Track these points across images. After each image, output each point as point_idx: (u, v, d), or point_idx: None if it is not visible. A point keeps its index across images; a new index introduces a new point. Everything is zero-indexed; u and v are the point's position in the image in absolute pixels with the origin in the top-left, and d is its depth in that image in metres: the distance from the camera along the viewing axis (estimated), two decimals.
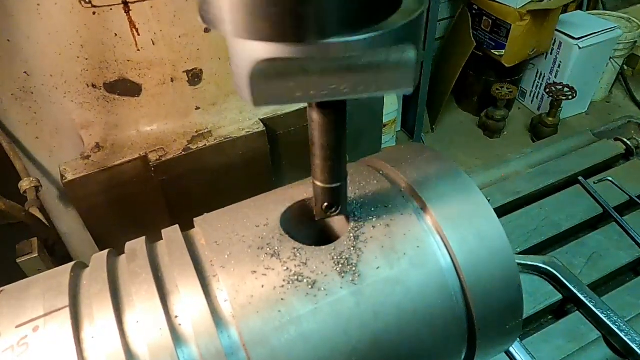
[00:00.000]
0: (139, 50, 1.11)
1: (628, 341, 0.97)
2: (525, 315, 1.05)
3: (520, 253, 1.20)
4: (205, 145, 1.22)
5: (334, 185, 0.48)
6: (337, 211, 0.51)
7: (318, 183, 0.49)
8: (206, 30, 1.14)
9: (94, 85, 1.14)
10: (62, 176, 1.13)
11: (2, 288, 0.50)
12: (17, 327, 0.44)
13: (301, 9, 0.32)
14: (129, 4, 1.04)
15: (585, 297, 1.06)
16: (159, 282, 0.48)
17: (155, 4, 1.06)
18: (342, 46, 0.34)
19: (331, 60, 0.35)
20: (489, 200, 1.28)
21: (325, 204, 0.50)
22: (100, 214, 1.21)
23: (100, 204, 1.19)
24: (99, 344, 0.43)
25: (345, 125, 0.45)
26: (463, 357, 0.56)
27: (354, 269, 0.48)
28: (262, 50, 0.34)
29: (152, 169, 1.17)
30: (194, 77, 1.20)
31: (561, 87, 3.44)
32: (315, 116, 0.44)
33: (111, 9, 1.04)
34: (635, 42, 3.71)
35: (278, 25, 0.33)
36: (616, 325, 1.00)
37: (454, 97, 4.02)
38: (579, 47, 3.39)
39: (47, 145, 1.25)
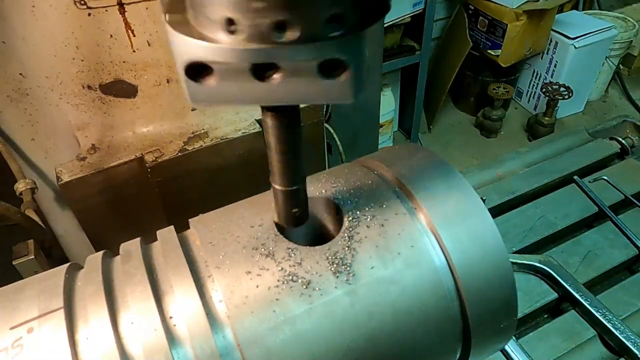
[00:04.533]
0: (134, 51, 1.11)
1: (623, 339, 0.98)
2: (521, 314, 1.06)
3: (516, 252, 1.21)
4: (202, 146, 1.22)
5: (292, 188, 0.48)
6: (299, 213, 0.51)
7: (277, 187, 0.49)
8: None
9: (89, 87, 1.14)
10: (58, 178, 1.12)
11: None
12: (11, 328, 0.44)
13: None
14: (124, 5, 1.04)
15: (580, 295, 1.06)
16: (153, 283, 0.48)
17: (150, 5, 1.06)
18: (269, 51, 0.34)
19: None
20: (484, 200, 1.29)
21: (290, 209, 0.50)
22: (96, 216, 1.21)
23: (96, 206, 1.19)
24: (93, 345, 0.43)
25: (299, 127, 0.45)
26: (458, 356, 0.56)
27: (348, 268, 0.48)
28: (196, 49, 0.35)
29: (148, 170, 1.17)
30: None
31: (557, 86, 3.45)
32: (269, 120, 0.43)
33: (106, 10, 1.03)
34: (631, 41, 3.73)
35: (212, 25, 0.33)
36: (611, 323, 1.00)
37: (450, 97, 4.03)
38: (574, 46, 3.40)
39: (43, 146, 1.25)
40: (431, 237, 0.52)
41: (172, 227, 0.55)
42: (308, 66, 0.34)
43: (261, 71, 0.35)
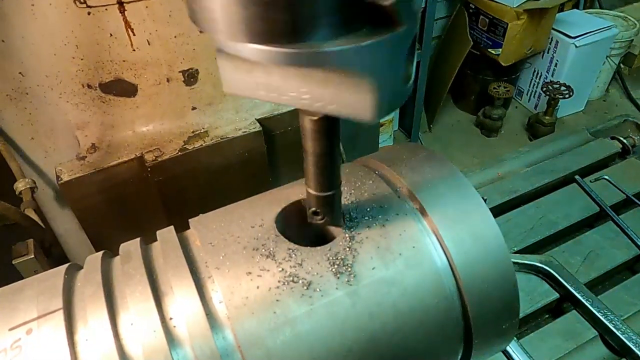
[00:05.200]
0: (134, 50, 1.10)
1: (625, 340, 0.97)
2: (522, 314, 1.05)
3: (517, 252, 1.20)
4: (202, 145, 1.22)
5: (325, 194, 0.48)
6: (322, 219, 0.50)
7: (310, 190, 0.48)
8: (201, 31, 1.14)
9: (89, 86, 1.13)
10: (57, 177, 1.12)
11: None
12: (10, 329, 0.44)
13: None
14: (124, 4, 1.03)
15: (582, 295, 1.06)
16: (153, 283, 0.47)
17: (150, 4, 1.06)
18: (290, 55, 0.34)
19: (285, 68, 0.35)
20: (485, 200, 1.28)
21: (312, 209, 0.50)
22: (96, 215, 1.21)
23: (96, 205, 1.19)
24: (92, 347, 0.43)
25: (337, 133, 0.44)
26: (459, 356, 0.56)
27: (349, 269, 0.48)
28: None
29: (148, 169, 1.17)
30: (190, 77, 1.20)
31: (558, 85, 3.45)
32: (306, 124, 0.43)
33: (106, 9, 1.03)
34: (632, 40, 3.72)
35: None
36: (613, 323, 1.00)
37: (451, 96, 4.02)
38: (575, 45, 3.39)
39: (43, 146, 1.25)
40: (432, 237, 0.52)
41: (172, 227, 0.55)
42: None
43: None
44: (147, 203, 1.24)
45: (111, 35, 1.07)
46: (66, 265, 0.52)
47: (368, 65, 0.35)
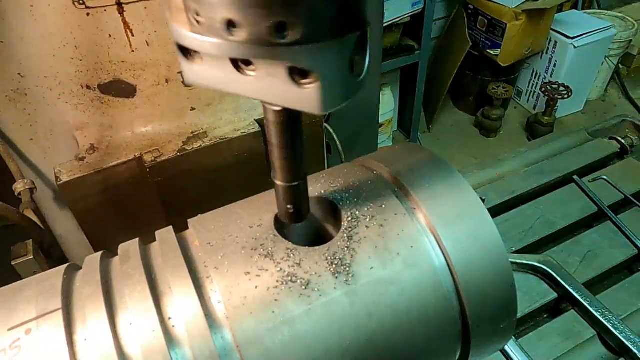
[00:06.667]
0: (133, 51, 1.10)
1: (623, 339, 0.98)
2: (520, 314, 1.06)
3: (515, 252, 1.21)
4: (201, 146, 1.22)
5: (293, 184, 0.49)
6: (292, 210, 0.51)
7: (278, 182, 0.49)
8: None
9: (88, 87, 1.13)
10: (56, 178, 1.12)
11: None
12: (9, 330, 0.44)
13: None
14: (123, 5, 1.04)
15: (580, 295, 1.06)
16: (152, 283, 0.48)
17: (149, 5, 1.06)
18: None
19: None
20: (483, 200, 1.29)
21: (288, 205, 0.50)
22: (95, 216, 1.21)
23: (95, 206, 1.19)
24: (91, 346, 0.43)
25: (300, 125, 0.45)
26: (457, 356, 0.56)
27: (347, 269, 0.48)
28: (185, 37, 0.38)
29: (148, 170, 1.17)
30: None
31: (557, 86, 3.45)
32: (270, 116, 0.44)
33: (105, 10, 1.03)
34: (630, 41, 3.73)
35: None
36: (611, 323, 1.00)
37: (450, 96, 4.03)
38: (574, 46, 3.40)
39: (42, 146, 1.25)
40: (430, 237, 0.52)
41: (170, 227, 0.55)
42: (279, 69, 0.36)
43: (241, 64, 0.37)
44: (146, 204, 1.24)
45: (110, 36, 1.07)
46: (65, 265, 0.52)
47: (314, 64, 0.36)
